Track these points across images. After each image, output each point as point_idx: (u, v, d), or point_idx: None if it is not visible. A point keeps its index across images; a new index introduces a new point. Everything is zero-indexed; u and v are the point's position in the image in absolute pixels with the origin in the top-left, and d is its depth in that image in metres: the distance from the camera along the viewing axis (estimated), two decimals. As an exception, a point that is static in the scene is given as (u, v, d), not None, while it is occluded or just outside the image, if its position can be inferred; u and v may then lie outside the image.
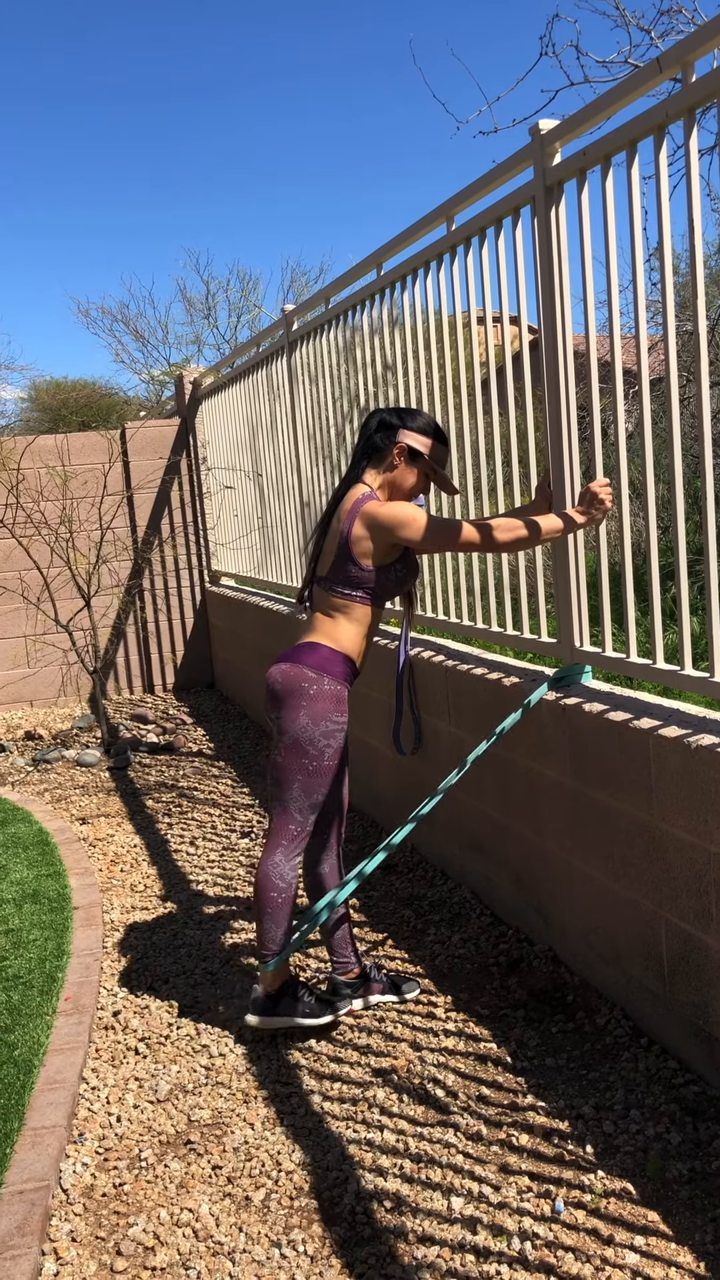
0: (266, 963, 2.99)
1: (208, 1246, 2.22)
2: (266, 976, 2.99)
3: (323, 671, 2.92)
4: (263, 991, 2.99)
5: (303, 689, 2.91)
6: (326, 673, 2.92)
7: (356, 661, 3.00)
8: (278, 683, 2.95)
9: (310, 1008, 2.98)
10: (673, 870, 2.59)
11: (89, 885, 4.26)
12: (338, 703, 2.94)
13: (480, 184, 3.33)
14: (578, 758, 2.97)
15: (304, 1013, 2.97)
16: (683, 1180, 2.28)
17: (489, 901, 3.69)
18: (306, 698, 2.90)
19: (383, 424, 2.98)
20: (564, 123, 2.88)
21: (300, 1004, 2.97)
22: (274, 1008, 2.97)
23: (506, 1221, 2.20)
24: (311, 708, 2.90)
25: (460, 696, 3.70)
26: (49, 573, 8.04)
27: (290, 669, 2.94)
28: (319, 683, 2.91)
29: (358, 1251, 2.16)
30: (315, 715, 2.90)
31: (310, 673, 2.92)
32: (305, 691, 2.91)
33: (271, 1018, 2.96)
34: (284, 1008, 2.97)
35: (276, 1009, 2.97)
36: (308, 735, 2.91)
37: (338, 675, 2.94)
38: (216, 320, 21.06)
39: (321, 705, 2.91)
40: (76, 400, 19.95)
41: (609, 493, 2.85)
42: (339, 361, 4.76)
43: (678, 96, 2.40)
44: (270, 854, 2.99)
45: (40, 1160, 2.48)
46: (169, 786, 5.75)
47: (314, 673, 2.92)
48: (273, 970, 2.98)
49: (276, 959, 2.98)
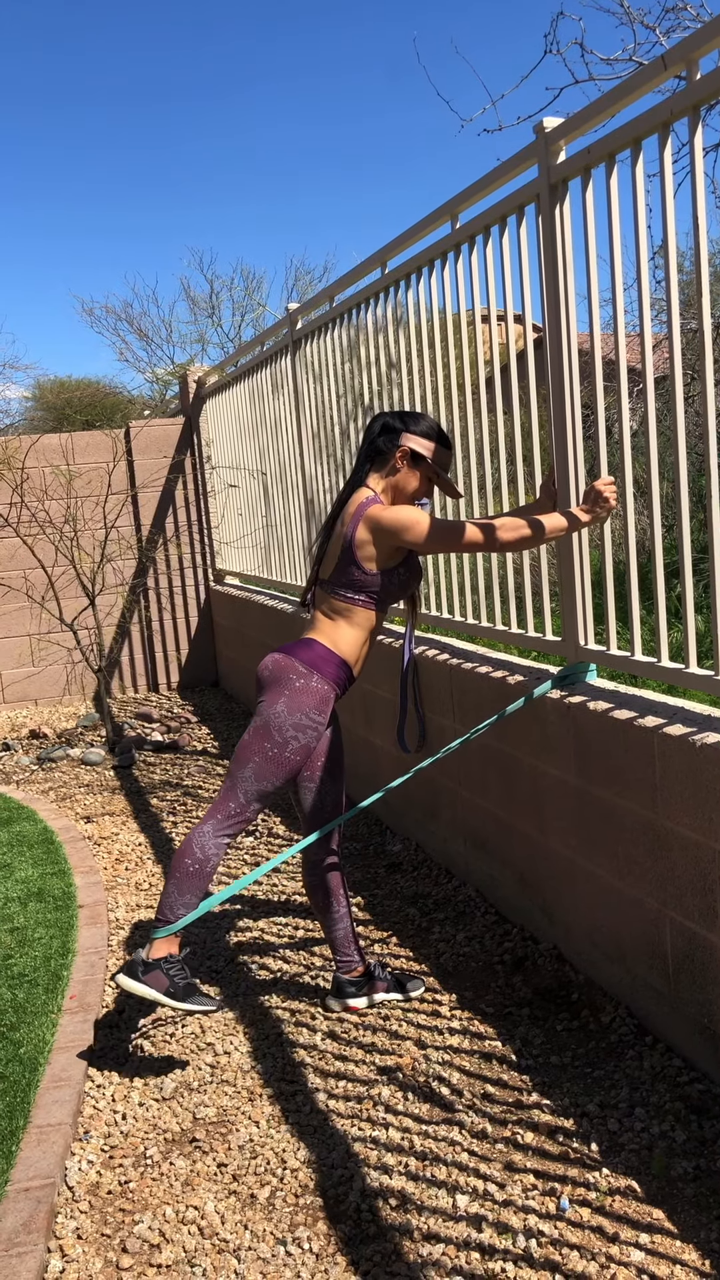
0: (157, 929, 2.91)
1: (213, 1244, 2.22)
2: (154, 943, 2.90)
3: (314, 669, 2.92)
4: (145, 956, 2.89)
5: (289, 679, 2.91)
6: (318, 671, 2.93)
7: (353, 668, 3.00)
8: (267, 669, 2.96)
9: (178, 989, 2.87)
10: (677, 868, 2.59)
11: (94, 884, 4.26)
12: (320, 702, 2.93)
13: (485, 182, 3.32)
14: (582, 756, 2.97)
15: (170, 991, 2.86)
16: (688, 1178, 2.28)
17: (494, 900, 3.69)
18: (291, 688, 2.91)
19: (386, 427, 2.98)
20: (568, 120, 2.88)
21: (171, 980, 2.88)
22: (144, 974, 2.86)
23: (512, 1219, 2.20)
24: (293, 698, 2.90)
25: (464, 694, 3.70)
26: (54, 572, 8.04)
27: (283, 659, 2.95)
28: (308, 678, 2.92)
29: (363, 1249, 2.16)
30: (293, 706, 2.90)
31: (301, 667, 2.92)
32: (291, 683, 2.91)
33: (138, 983, 2.85)
34: (153, 979, 2.86)
35: (145, 976, 2.86)
36: (279, 722, 2.90)
37: (328, 676, 2.94)
38: (220, 319, 21.07)
39: (303, 699, 2.91)
40: (81, 399, 19.97)
41: (613, 491, 2.85)
42: (343, 360, 4.76)
43: (682, 94, 2.39)
44: (202, 823, 2.95)
45: (46, 1158, 2.48)
46: (173, 785, 5.76)
47: (305, 668, 2.92)
48: (160, 938, 2.90)
49: (168, 928, 2.89)
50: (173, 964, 2.90)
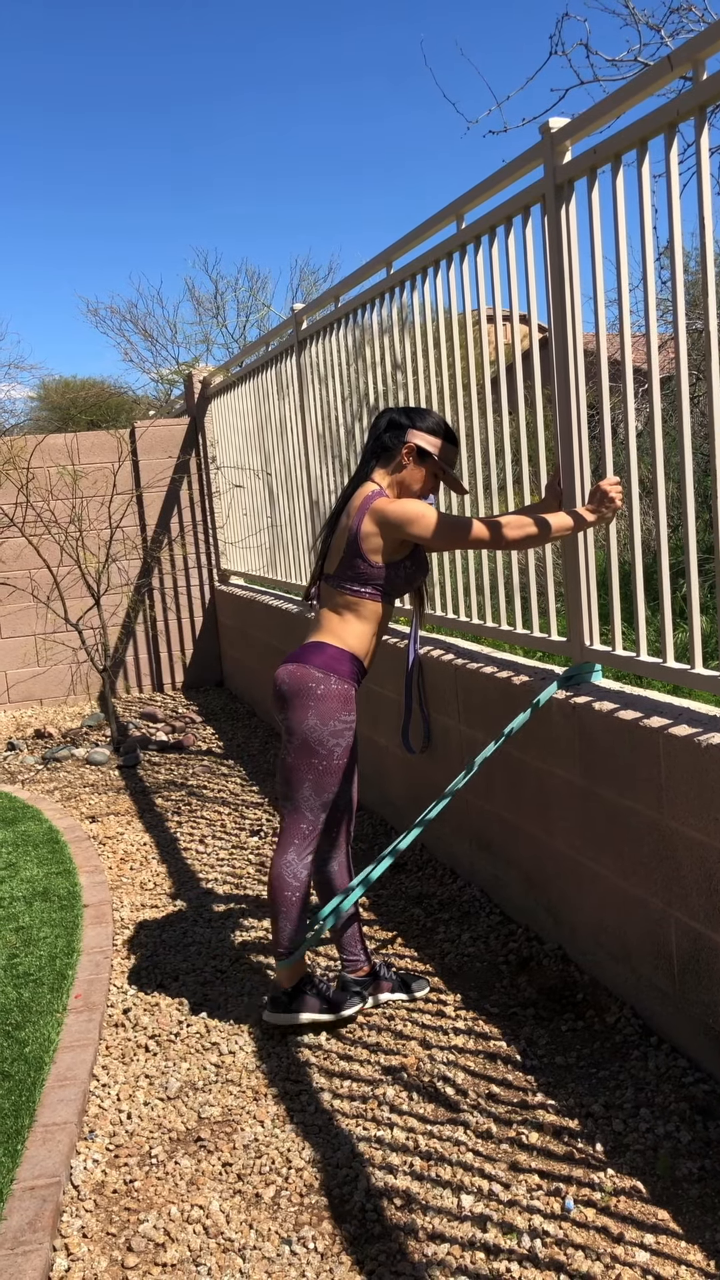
0: (281, 960, 3.01)
1: (218, 1243, 2.23)
2: (283, 973, 3.02)
3: (329, 671, 2.93)
4: (282, 987, 3.02)
5: (310, 689, 2.91)
6: (333, 672, 2.93)
7: (364, 661, 3.01)
8: (285, 683, 2.95)
9: (330, 1001, 3.01)
10: (683, 869, 2.59)
11: (99, 883, 4.27)
12: (345, 702, 2.94)
13: (490, 182, 3.32)
14: (587, 756, 2.97)
15: (325, 1009, 2.99)
16: (693, 1179, 2.28)
17: (498, 900, 3.69)
18: (314, 698, 2.91)
19: (392, 424, 2.98)
20: (574, 121, 2.88)
21: (321, 997, 3.00)
22: (290, 1004, 2.99)
23: (516, 1219, 2.20)
24: (319, 707, 2.91)
25: (470, 695, 3.70)
26: (59, 571, 8.05)
27: (297, 669, 2.94)
28: (326, 682, 2.92)
29: (368, 1249, 2.17)
30: (323, 715, 2.91)
31: (317, 672, 2.92)
32: (313, 691, 2.91)
33: (292, 1014, 2.98)
34: (304, 1004, 2.99)
35: (293, 1005, 2.99)
36: (316, 735, 2.92)
37: (345, 674, 2.94)
38: (225, 319, 21.07)
39: (329, 705, 2.92)
40: (85, 399, 20.00)
41: (619, 491, 2.85)
42: (348, 360, 4.76)
43: (688, 94, 2.39)
44: (283, 853, 3.00)
45: (51, 1156, 2.49)
46: (178, 785, 5.76)
47: (321, 672, 2.92)
48: (288, 968, 3.01)
49: (291, 957, 3.01)
50: (309, 982, 3.02)
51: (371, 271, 4.35)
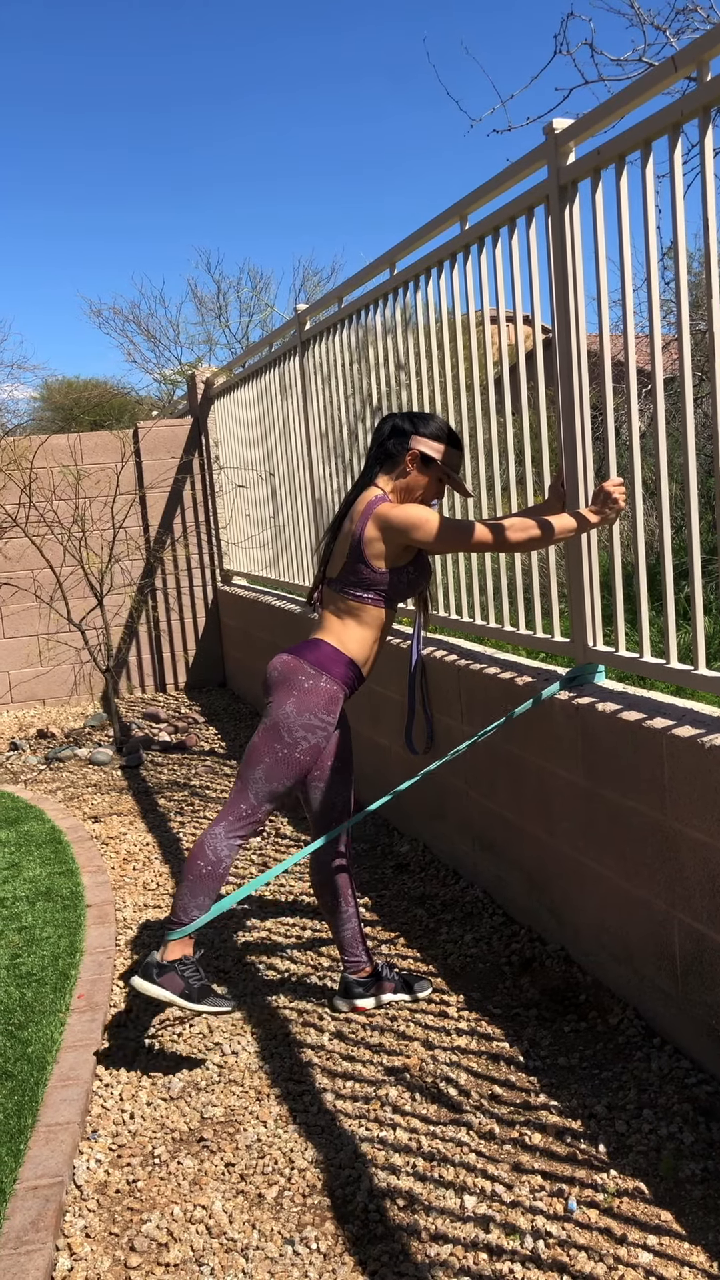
0: (172, 931, 2.92)
1: (221, 1243, 2.23)
2: (168, 945, 2.91)
3: (322, 669, 2.93)
4: (159, 958, 2.90)
5: (298, 680, 2.92)
6: (326, 671, 2.93)
7: (362, 668, 3.00)
8: (275, 670, 2.96)
9: (193, 990, 2.89)
10: (686, 870, 2.59)
11: (101, 883, 4.27)
12: (329, 702, 2.93)
13: (494, 183, 3.32)
14: (591, 757, 2.97)
15: (185, 993, 2.88)
16: (696, 1180, 2.27)
17: (501, 901, 3.69)
18: (300, 689, 2.91)
19: (395, 430, 2.98)
20: (578, 121, 2.88)
21: (186, 982, 2.89)
22: (159, 976, 2.87)
23: (519, 1220, 2.20)
24: (301, 698, 2.91)
25: (473, 696, 3.70)
26: (62, 572, 8.06)
27: (291, 660, 2.95)
28: (316, 679, 2.92)
29: (370, 1249, 2.17)
30: (301, 706, 2.91)
31: (309, 668, 2.92)
32: (300, 684, 2.91)
33: (153, 985, 2.86)
34: (168, 980, 2.87)
35: (160, 978, 2.87)
36: (288, 722, 2.91)
37: (337, 676, 2.94)
38: (228, 320, 21.07)
39: (312, 699, 2.91)
40: (89, 400, 20.01)
41: (622, 492, 2.85)
42: (351, 361, 4.77)
43: (693, 95, 2.39)
44: (213, 825, 2.95)
45: (54, 1156, 2.49)
46: (181, 785, 5.77)
47: (313, 669, 2.92)
48: (175, 940, 2.91)
49: (182, 930, 2.91)
50: (187, 965, 2.91)
51: (375, 272, 4.35)
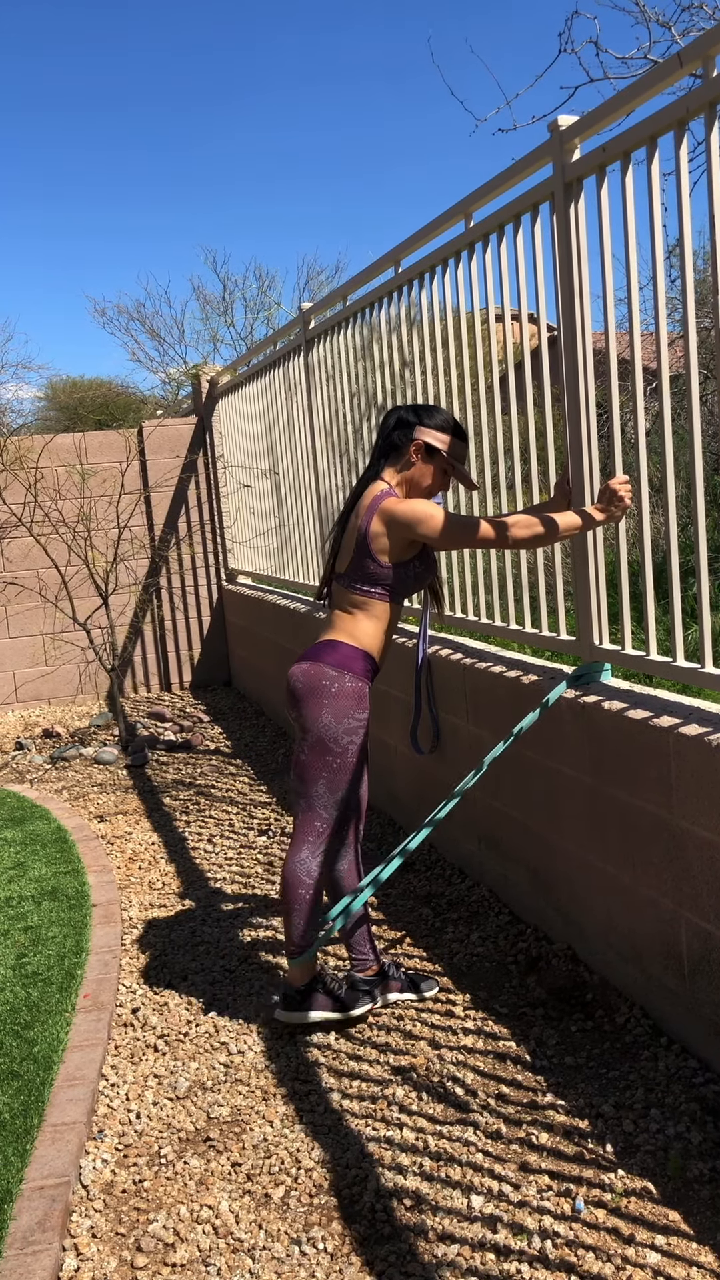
0: (294, 958, 3.01)
1: (228, 1243, 2.22)
2: (294, 971, 3.02)
3: (344, 669, 2.93)
4: (294, 986, 3.02)
5: (324, 687, 2.92)
6: (348, 670, 2.93)
7: (377, 658, 3.01)
8: (299, 681, 2.95)
9: (342, 999, 3.01)
10: (693, 868, 2.58)
11: (107, 882, 4.27)
12: (359, 700, 2.94)
13: (499, 180, 3.32)
14: (597, 755, 2.96)
15: (337, 1007, 3.00)
16: (704, 1180, 2.27)
17: (507, 900, 3.68)
18: (328, 695, 2.91)
19: (400, 422, 2.98)
20: (583, 118, 2.87)
21: (332, 996, 3.00)
22: (302, 1003, 2.99)
23: (527, 1220, 2.20)
24: (334, 705, 2.91)
25: (478, 694, 3.69)
26: (67, 571, 8.06)
27: (311, 668, 2.95)
28: (340, 680, 2.92)
29: (378, 1249, 2.16)
30: (337, 713, 2.91)
31: (331, 671, 2.92)
32: (327, 690, 2.91)
33: (304, 1012, 2.98)
34: (316, 1003, 2.99)
35: (304, 1004, 2.99)
36: (331, 733, 2.92)
37: (358, 672, 2.95)
38: (233, 319, 21.09)
39: (343, 702, 2.92)
40: (93, 399, 20.02)
41: (628, 490, 2.84)
42: (356, 359, 4.76)
43: (698, 91, 2.38)
44: (296, 851, 3.00)
45: (60, 1156, 2.49)
46: (186, 784, 5.76)
47: (335, 670, 2.92)
48: (299, 965, 3.01)
49: (304, 955, 3.01)
50: (322, 980, 3.03)
51: (380, 270, 4.35)
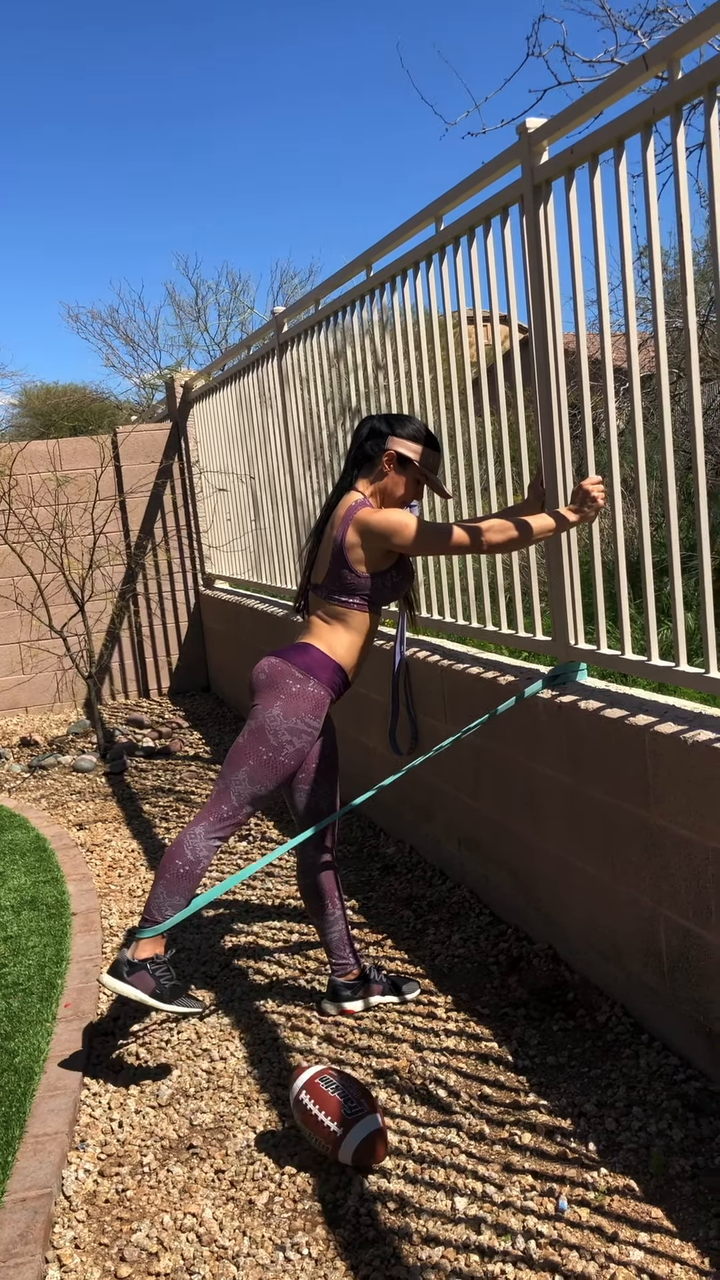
0: (145, 928, 2.89)
1: (212, 1251, 2.22)
2: (140, 943, 2.88)
3: (310, 674, 2.92)
4: (129, 955, 2.87)
5: (285, 684, 2.91)
6: (314, 675, 2.92)
7: (348, 673, 3.00)
8: (263, 673, 2.95)
9: (164, 990, 2.86)
10: (671, 866, 2.59)
11: (87, 891, 4.25)
12: (316, 706, 2.93)
13: (468, 183, 3.33)
14: (574, 755, 2.97)
15: (156, 992, 2.85)
16: (686, 1176, 2.28)
17: (488, 901, 3.69)
18: (287, 692, 2.91)
19: (373, 432, 2.98)
20: (551, 121, 2.88)
21: (157, 981, 2.86)
22: (129, 974, 2.85)
23: (511, 1221, 2.20)
24: (289, 702, 2.90)
25: (456, 696, 3.70)
26: (42, 579, 8.02)
27: (279, 663, 2.94)
28: (304, 683, 2.91)
29: (362, 1253, 2.16)
30: (289, 709, 2.90)
31: (298, 672, 2.92)
32: (288, 687, 2.91)
33: (123, 983, 2.83)
34: (138, 979, 2.85)
35: (130, 977, 2.84)
36: (274, 725, 2.90)
37: (324, 681, 2.94)
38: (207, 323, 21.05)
39: (299, 703, 2.91)
40: (68, 405, 19.92)
41: (601, 490, 2.85)
42: (329, 363, 4.76)
43: (664, 92, 2.40)
44: (193, 825, 2.93)
45: (42, 1167, 2.47)
46: (166, 790, 5.75)
47: (301, 672, 2.92)
48: (146, 939, 2.88)
49: (154, 929, 2.88)
50: (159, 965, 2.88)
51: (352, 274, 4.35)
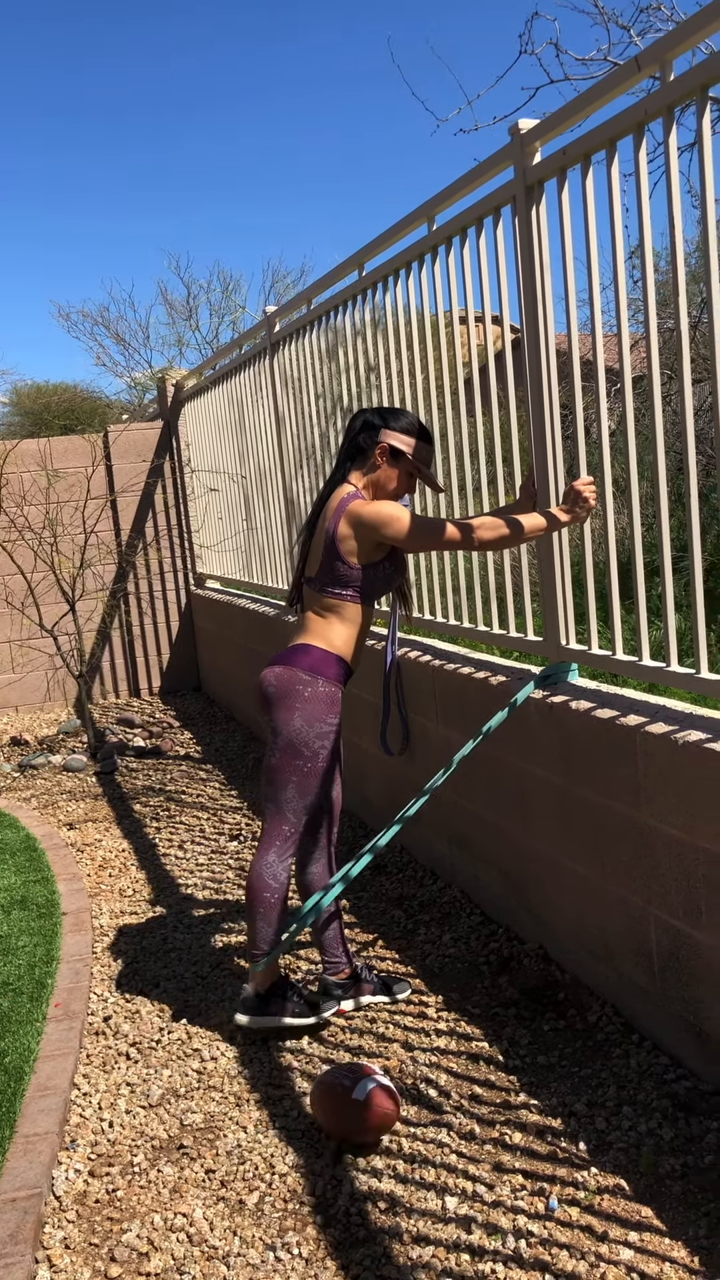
0: (257, 962, 3.00)
1: (202, 1251, 2.21)
2: (257, 976, 3.00)
3: (316, 674, 2.93)
4: (252, 990, 2.99)
5: (297, 691, 2.91)
6: (320, 674, 2.93)
7: (350, 662, 3.01)
8: (271, 685, 2.95)
9: (299, 1008, 2.98)
10: (661, 866, 2.60)
11: (77, 890, 4.24)
12: (331, 704, 2.94)
13: (461, 184, 3.33)
14: (565, 755, 2.97)
15: (292, 1012, 2.97)
16: (676, 1175, 2.28)
17: (479, 900, 3.69)
18: (301, 700, 2.91)
19: (366, 424, 2.99)
20: (543, 122, 2.88)
21: (289, 1004, 2.98)
22: (263, 1008, 2.97)
23: (501, 1220, 2.20)
24: (306, 709, 2.91)
25: (448, 696, 3.70)
26: (33, 577, 8.00)
27: (284, 671, 2.94)
28: (313, 685, 2.92)
29: (353, 1253, 2.16)
30: (310, 717, 2.91)
31: (304, 675, 2.92)
32: (300, 694, 2.91)
33: (260, 1017, 2.96)
34: (273, 1008, 2.97)
35: (266, 1009, 2.97)
36: (302, 737, 2.91)
37: (331, 677, 2.95)
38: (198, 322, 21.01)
39: (316, 707, 2.92)
40: (58, 405, 19.87)
41: (593, 491, 2.86)
42: (321, 363, 4.76)
43: (657, 94, 2.40)
44: (263, 854, 2.99)
45: (32, 1168, 2.47)
46: (156, 790, 5.74)
47: (308, 675, 2.92)
48: (263, 970, 2.99)
49: (266, 958, 2.99)
50: (281, 988, 3.00)
51: (344, 273, 4.35)
